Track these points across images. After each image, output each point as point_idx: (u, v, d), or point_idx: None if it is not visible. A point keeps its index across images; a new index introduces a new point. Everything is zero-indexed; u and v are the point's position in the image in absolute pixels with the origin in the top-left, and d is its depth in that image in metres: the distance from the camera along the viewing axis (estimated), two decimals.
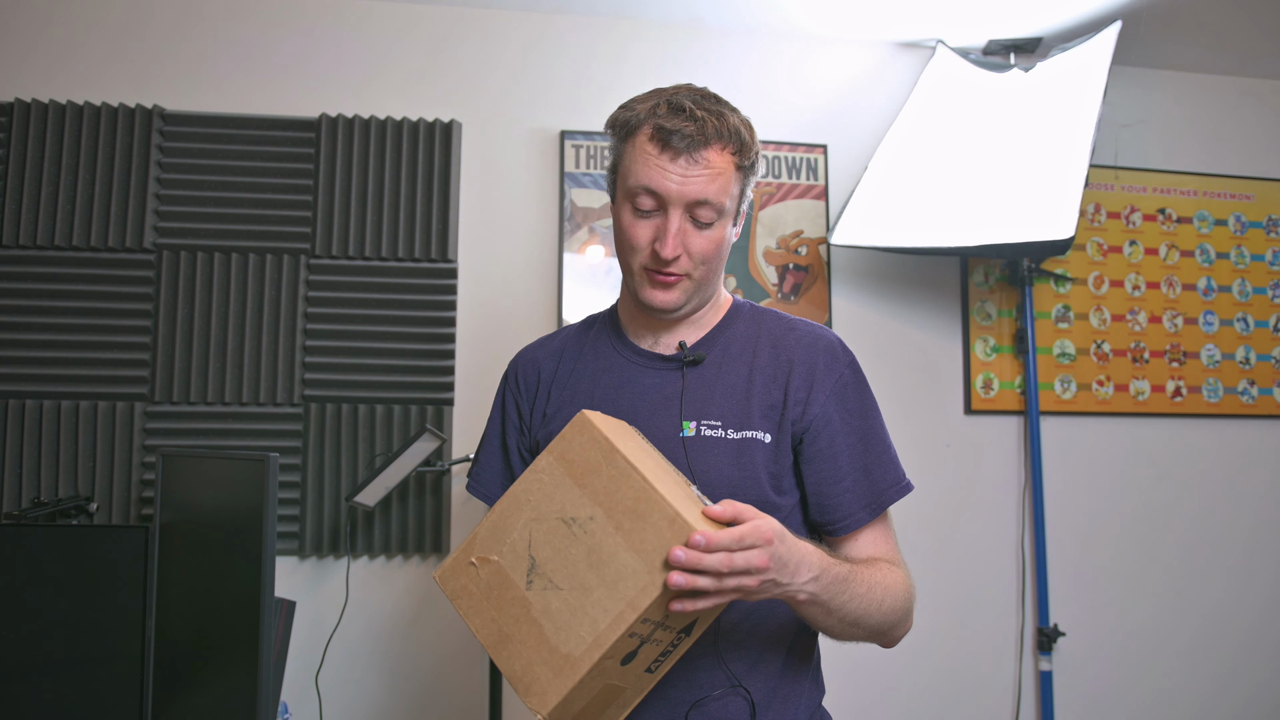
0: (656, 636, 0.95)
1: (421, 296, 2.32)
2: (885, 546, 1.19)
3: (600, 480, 0.95)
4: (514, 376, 1.30)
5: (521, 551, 0.98)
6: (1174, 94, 2.76)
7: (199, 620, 1.67)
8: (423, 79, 2.41)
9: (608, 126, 1.18)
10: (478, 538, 1.01)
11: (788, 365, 1.18)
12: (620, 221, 1.17)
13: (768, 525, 0.93)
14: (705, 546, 0.88)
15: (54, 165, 2.22)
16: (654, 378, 1.20)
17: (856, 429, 1.18)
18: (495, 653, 0.96)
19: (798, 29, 2.56)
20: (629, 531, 0.92)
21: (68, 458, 2.16)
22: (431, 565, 2.29)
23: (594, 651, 0.90)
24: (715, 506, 0.94)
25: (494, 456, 1.29)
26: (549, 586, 0.95)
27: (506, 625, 0.96)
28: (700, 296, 1.20)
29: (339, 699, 2.22)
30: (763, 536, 0.91)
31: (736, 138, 1.12)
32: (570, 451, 0.98)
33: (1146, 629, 2.58)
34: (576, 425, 0.99)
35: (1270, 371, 2.72)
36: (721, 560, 0.88)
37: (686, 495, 0.97)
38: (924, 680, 2.43)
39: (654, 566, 0.90)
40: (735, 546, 0.89)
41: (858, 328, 2.51)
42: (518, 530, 0.98)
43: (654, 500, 0.91)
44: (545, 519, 0.97)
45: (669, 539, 0.89)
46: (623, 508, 0.93)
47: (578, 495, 0.96)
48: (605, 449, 0.96)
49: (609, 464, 0.95)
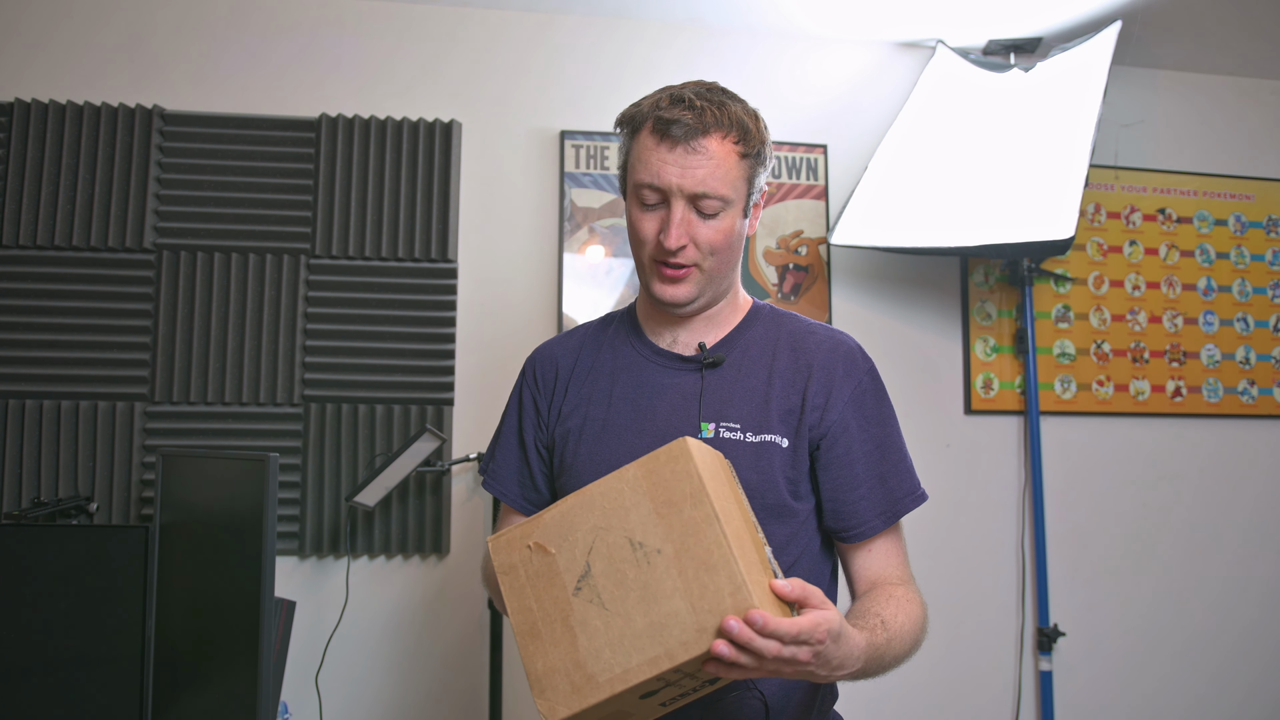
0: (681, 683, 0.93)
1: (421, 296, 2.32)
2: (896, 558, 1.19)
3: (680, 517, 0.92)
4: (532, 372, 1.29)
5: (580, 554, 0.94)
6: (1174, 94, 2.76)
7: (199, 620, 1.67)
8: (423, 79, 2.41)
9: (617, 124, 1.18)
10: (544, 521, 0.97)
11: (806, 370, 1.17)
12: (630, 217, 1.17)
13: (827, 624, 0.89)
14: (761, 629, 0.85)
15: (54, 165, 2.22)
16: (673, 378, 1.20)
17: (874, 437, 1.18)
18: (522, 642, 0.94)
19: (798, 29, 2.56)
20: (691, 580, 0.89)
21: (68, 458, 2.16)
22: (432, 565, 2.29)
23: (618, 684, 0.89)
24: (783, 584, 0.91)
25: (510, 452, 1.28)
26: (595, 600, 0.92)
27: (541, 621, 0.94)
28: (713, 290, 1.19)
29: (339, 699, 2.22)
30: (818, 637, 0.88)
31: (738, 126, 1.11)
32: (659, 473, 0.94)
33: (1146, 629, 2.58)
34: (674, 451, 0.95)
35: (1270, 371, 2.72)
36: (772, 648, 0.86)
37: (759, 560, 0.95)
38: (924, 680, 2.43)
39: (704, 625, 0.87)
40: (789, 640, 0.86)
41: (858, 328, 2.50)
42: (582, 532, 0.95)
43: (726, 560, 0.88)
44: (612, 531, 0.94)
45: (728, 605, 0.87)
46: (692, 554, 0.90)
47: (653, 522, 0.93)
48: (695, 487, 0.92)
49: (694, 504, 0.92)
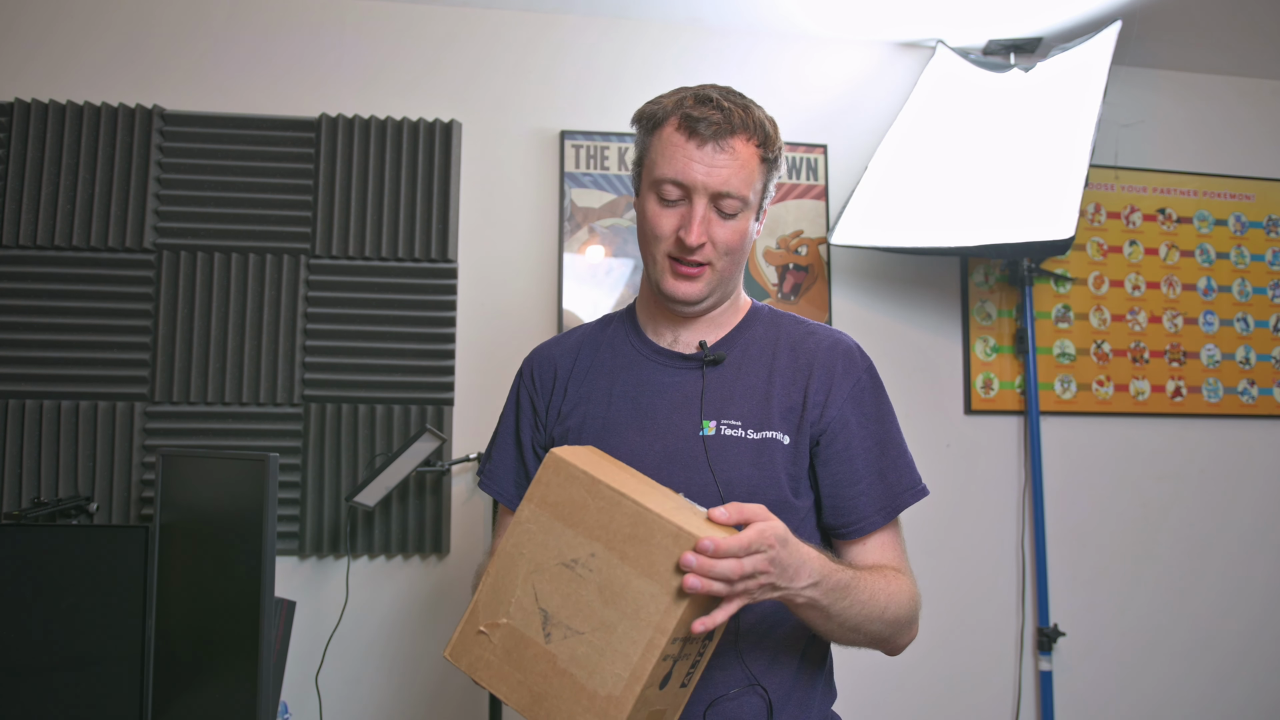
0: (685, 651, 0.94)
1: (421, 296, 2.32)
2: (894, 552, 1.19)
3: (590, 515, 0.93)
4: (529, 373, 1.29)
5: (530, 607, 0.95)
6: (1174, 94, 2.76)
7: (199, 620, 1.67)
8: (423, 79, 2.41)
9: (634, 120, 1.19)
10: (479, 605, 0.98)
11: (807, 368, 1.18)
12: (645, 213, 1.17)
13: (772, 529, 0.92)
14: (714, 552, 0.87)
15: (54, 165, 2.22)
16: (673, 376, 1.20)
17: (873, 433, 1.19)
18: (531, 714, 0.93)
19: (798, 29, 2.56)
20: (635, 558, 0.90)
21: (68, 458, 2.16)
22: (432, 565, 2.29)
23: (634, 685, 0.89)
24: (719, 510, 0.93)
25: (507, 453, 1.28)
26: (569, 634, 0.92)
27: (536, 684, 0.93)
28: (722, 290, 1.20)
29: (339, 699, 2.22)
30: (767, 541, 0.91)
31: (761, 130, 1.14)
32: (551, 494, 0.96)
33: (1146, 628, 2.58)
34: (550, 466, 0.97)
35: (1270, 371, 2.72)
36: (732, 566, 0.88)
37: (680, 506, 0.96)
38: (924, 680, 2.43)
39: (669, 586, 0.88)
40: (743, 552, 0.89)
41: (858, 328, 2.50)
42: (520, 586, 0.96)
43: (652, 521, 0.90)
44: (545, 568, 0.95)
45: (677, 555, 0.88)
46: (622, 536, 0.91)
47: (571, 536, 0.94)
48: (587, 483, 0.94)
49: (594, 496, 0.93)
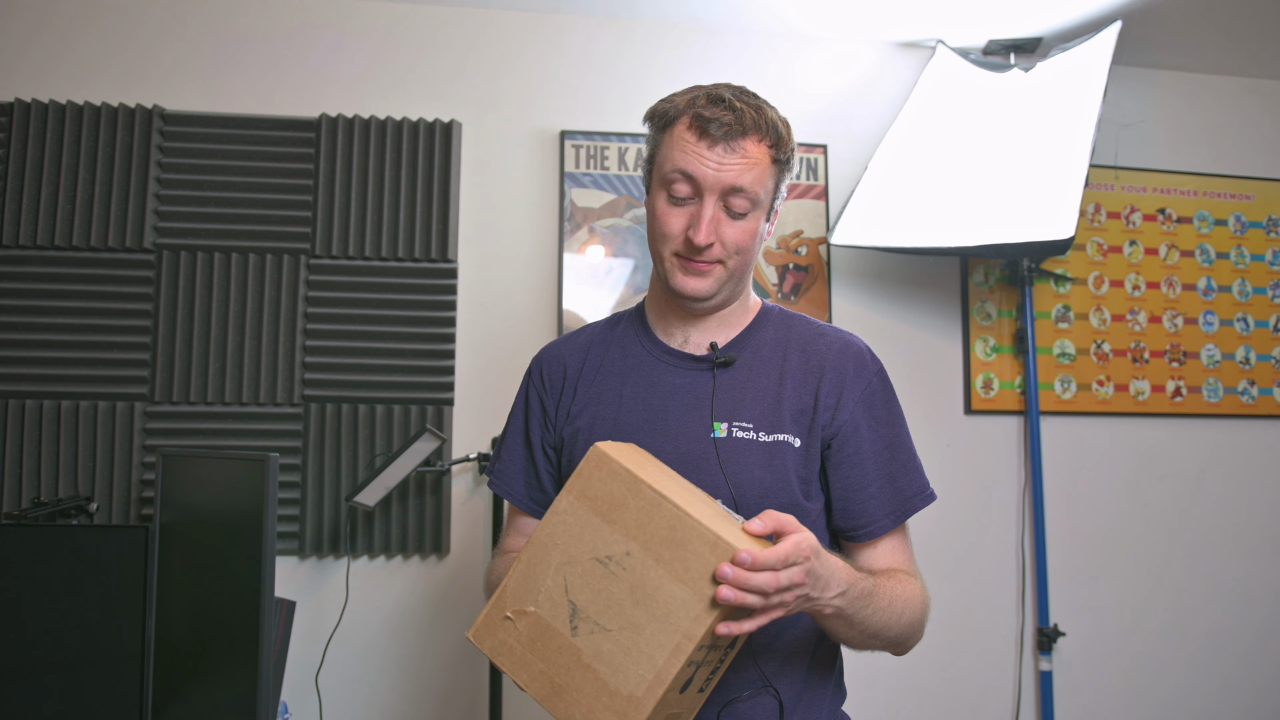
0: (708, 659, 0.94)
1: (421, 296, 2.32)
2: (904, 556, 1.19)
3: (629, 514, 0.93)
4: (538, 372, 1.29)
5: (559, 598, 0.95)
6: (1174, 94, 2.76)
7: (199, 620, 1.67)
8: (423, 79, 2.41)
9: (646, 119, 1.19)
10: (508, 590, 0.97)
11: (818, 371, 1.18)
12: (654, 210, 1.17)
13: (808, 541, 0.92)
14: (751, 565, 0.87)
15: (54, 165, 2.22)
16: (684, 377, 1.20)
17: (883, 437, 1.19)
18: (550, 705, 0.93)
19: (797, 29, 2.56)
20: (670, 562, 0.90)
21: (68, 458, 2.16)
22: (432, 565, 2.29)
23: (656, 688, 0.89)
24: (755, 521, 0.92)
25: (517, 453, 1.28)
26: (596, 629, 0.92)
27: (558, 676, 0.93)
28: (731, 289, 1.19)
29: (339, 699, 2.22)
30: (803, 553, 0.90)
31: (773, 131, 1.14)
32: (591, 488, 0.96)
33: (1147, 628, 2.58)
34: (593, 460, 0.96)
35: (1270, 371, 2.72)
36: (769, 579, 0.88)
37: (719, 514, 0.96)
38: (924, 680, 2.43)
39: (702, 594, 0.88)
40: (780, 565, 0.88)
41: (858, 328, 2.47)
42: (550, 576, 0.95)
43: (691, 526, 0.89)
44: (578, 561, 0.94)
45: (713, 564, 0.88)
46: (659, 538, 0.91)
47: (608, 532, 0.93)
48: (629, 481, 0.93)
49: (635, 495, 0.93)
